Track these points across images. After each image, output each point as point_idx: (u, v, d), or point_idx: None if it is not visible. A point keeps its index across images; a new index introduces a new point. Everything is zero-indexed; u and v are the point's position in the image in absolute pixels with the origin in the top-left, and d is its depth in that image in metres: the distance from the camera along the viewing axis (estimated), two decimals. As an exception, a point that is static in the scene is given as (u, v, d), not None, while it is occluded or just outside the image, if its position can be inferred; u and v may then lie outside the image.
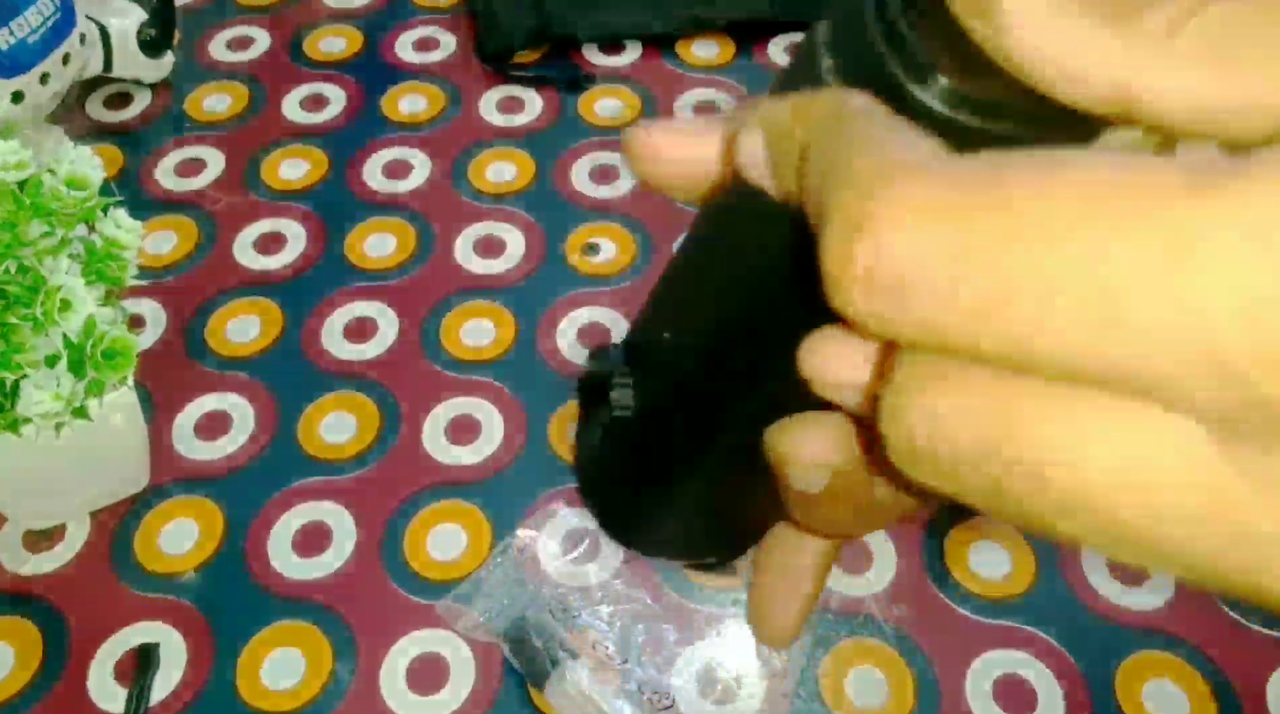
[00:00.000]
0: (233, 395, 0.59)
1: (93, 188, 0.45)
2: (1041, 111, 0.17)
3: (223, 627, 0.50)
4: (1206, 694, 0.49)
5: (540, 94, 0.76)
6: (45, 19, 0.62)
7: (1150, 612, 0.51)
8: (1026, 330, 0.14)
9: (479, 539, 0.53)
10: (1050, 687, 0.49)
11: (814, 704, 0.48)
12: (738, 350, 0.23)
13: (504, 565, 0.52)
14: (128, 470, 0.54)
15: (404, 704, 0.48)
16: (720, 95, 0.76)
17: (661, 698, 0.48)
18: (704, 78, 0.78)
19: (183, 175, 0.70)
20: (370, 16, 0.82)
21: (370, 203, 0.69)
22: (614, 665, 0.48)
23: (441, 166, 0.71)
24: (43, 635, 0.50)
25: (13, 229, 0.43)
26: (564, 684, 0.47)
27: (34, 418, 0.44)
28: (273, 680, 0.49)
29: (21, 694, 0.48)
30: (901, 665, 0.49)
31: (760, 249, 0.21)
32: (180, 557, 0.53)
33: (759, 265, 0.21)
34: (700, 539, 0.32)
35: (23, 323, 0.42)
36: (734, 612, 0.51)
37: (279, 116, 0.74)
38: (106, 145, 0.72)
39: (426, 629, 0.50)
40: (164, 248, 0.66)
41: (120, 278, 0.47)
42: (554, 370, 0.60)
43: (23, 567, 0.52)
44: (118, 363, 0.44)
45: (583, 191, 0.70)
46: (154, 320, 0.62)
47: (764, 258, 0.21)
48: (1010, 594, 0.52)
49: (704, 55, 0.79)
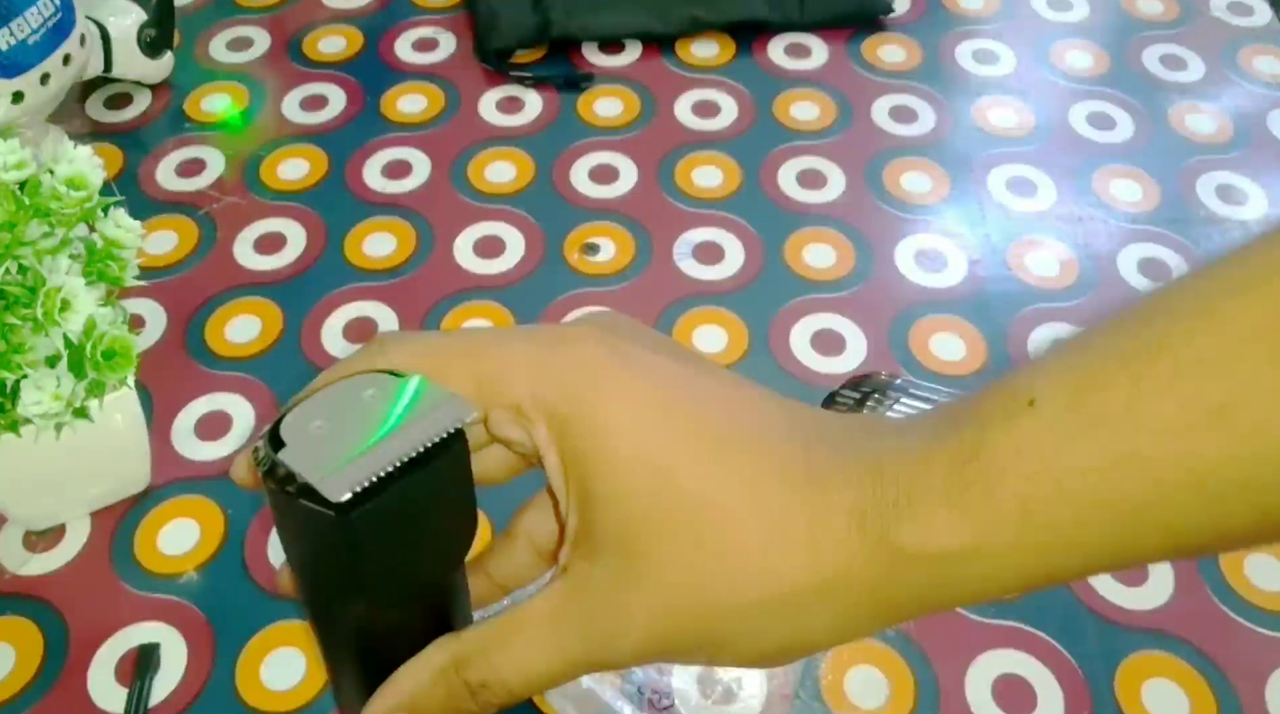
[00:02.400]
0: (233, 395, 0.59)
1: (93, 188, 0.45)
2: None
3: (223, 627, 0.50)
4: (1206, 694, 0.49)
5: (540, 94, 0.76)
6: (45, 19, 0.62)
7: (1150, 612, 0.51)
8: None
9: (479, 539, 0.53)
10: (1050, 687, 0.49)
11: (814, 704, 0.48)
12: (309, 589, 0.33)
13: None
14: (128, 470, 0.54)
15: (404, 704, 0.48)
16: (720, 95, 0.76)
17: (662, 698, 0.48)
18: (704, 78, 0.78)
19: (183, 175, 0.71)
20: (370, 16, 0.82)
21: (370, 203, 0.69)
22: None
23: (441, 166, 0.71)
24: (43, 635, 0.50)
25: (13, 229, 0.42)
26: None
27: (34, 418, 0.44)
28: (273, 680, 0.49)
29: (22, 694, 0.48)
30: (901, 665, 0.49)
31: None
32: (181, 557, 0.53)
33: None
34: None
35: (23, 323, 0.42)
36: (734, 612, 0.51)
37: (279, 116, 0.74)
38: (107, 145, 0.72)
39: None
40: (164, 248, 0.66)
41: (120, 278, 0.47)
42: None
43: (23, 567, 0.52)
44: (118, 363, 0.44)
45: (583, 191, 0.70)
46: (154, 320, 0.62)
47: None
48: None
49: (704, 55, 0.79)
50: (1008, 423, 0.25)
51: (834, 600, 0.27)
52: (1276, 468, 0.23)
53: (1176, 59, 0.80)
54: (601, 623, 0.29)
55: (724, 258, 0.66)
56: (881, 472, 0.27)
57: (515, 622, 0.30)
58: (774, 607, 0.27)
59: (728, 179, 0.71)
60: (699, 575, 0.28)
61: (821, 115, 0.75)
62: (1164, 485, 0.24)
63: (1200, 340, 0.24)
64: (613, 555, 0.28)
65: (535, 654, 0.30)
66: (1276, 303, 0.23)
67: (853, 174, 0.71)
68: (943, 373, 0.60)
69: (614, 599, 0.29)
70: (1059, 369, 0.26)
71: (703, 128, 0.74)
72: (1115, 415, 0.24)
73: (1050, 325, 0.63)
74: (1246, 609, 0.51)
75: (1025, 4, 0.85)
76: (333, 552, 0.29)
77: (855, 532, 0.27)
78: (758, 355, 0.61)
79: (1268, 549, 0.53)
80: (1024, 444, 0.25)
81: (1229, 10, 0.84)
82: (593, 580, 0.29)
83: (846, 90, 0.77)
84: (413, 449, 0.27)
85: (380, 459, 0.27)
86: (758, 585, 0.27)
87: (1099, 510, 0.25)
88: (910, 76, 0.78)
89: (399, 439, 0.27)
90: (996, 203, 0.70)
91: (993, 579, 0.26)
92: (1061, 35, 0.82)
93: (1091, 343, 0.26)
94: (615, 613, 0.29)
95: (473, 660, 0.31)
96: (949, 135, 0.74)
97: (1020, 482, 0.25)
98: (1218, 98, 0.77)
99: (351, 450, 0.27)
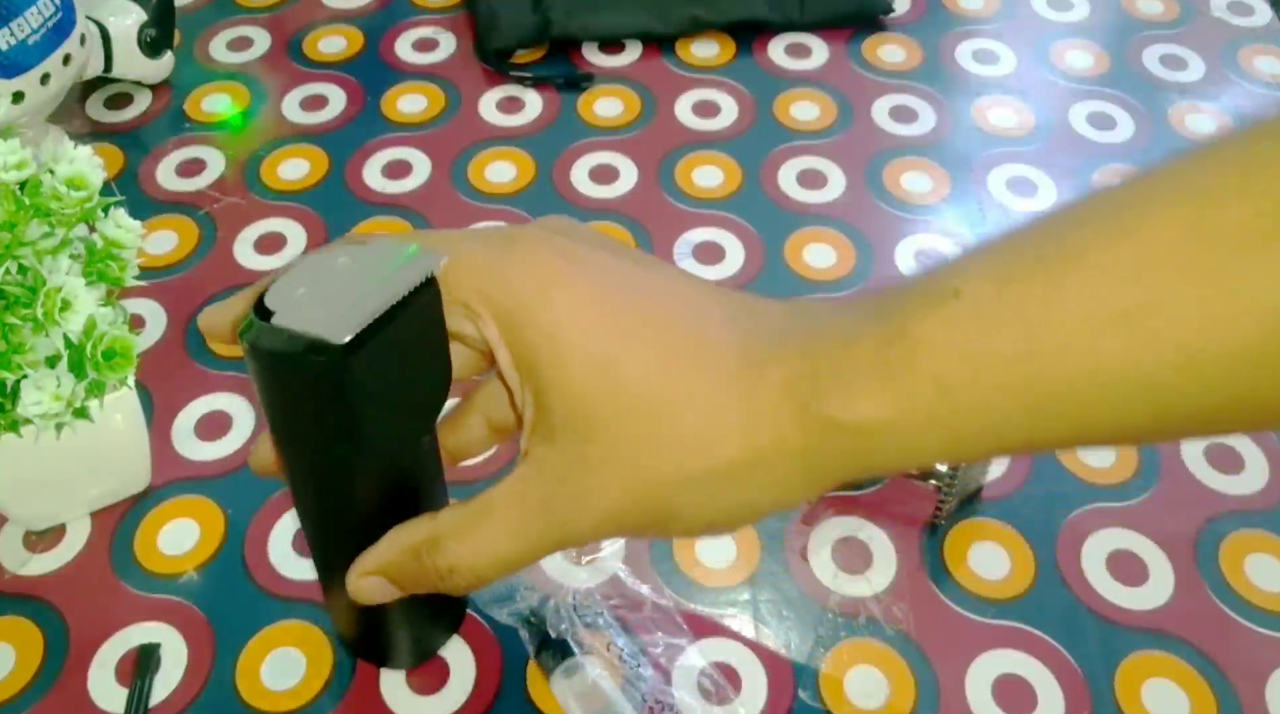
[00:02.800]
0: (233, 395, 0.59)
1: (93, 188, 0.45)
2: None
3: (223, 627, 0.50)
4: (1206, 694, 0.49)
5: (540, 94, 0.76)
6: (45, 19, 0.62)
7: (1150, 612, 0.51)
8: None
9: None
10: (1050, 687, 0.49)
11: (814, 704, 0.48)
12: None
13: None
14: (128, 470, 0.54)
15: (405, 704, 0.48)
16: (720, 95, 0.76)
17: (662, 696, 0.48)
18: (704, 78, 0.78)
19: (183, 175, 0.71)
20: (370, 16, 0.82)
21: (370, 203, 0.69)
22: (623, 669, 0.48)
23: (441, 166, 0.71)
24: (43, 636, 0.50)
25: (13, 229, 0.43)
26: (570, 678, 0.47)
27: (34, 418, 0.44)
28: (273, 680, 0.49)
29: (22, 694, 0.48)
30: (901, 665, 0.49)
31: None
32: (181, 557, 0.53)
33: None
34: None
35: (23, 323, 0.42)
36: (734, 612, 0.51)
37: (279, 116, 0.74)
38: (107, 145, 0.72)
39: (427, 629, 0.50)
40: (164, 248, 0.66)
41: (121, 278, 0.47)
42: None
43: (23, 567, 0.52)
44: (118, 363, 0.44)
45: (583, 191, 0.70)
46: (154, 320, 0.62)
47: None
48: (1010, 594, 0.52)
49: (704, 55, 0.79)
50: (932, 311, 0.28)
51: (769, 469, 0.30)
52: (1174, 372, 0.25)
53: (1177, 59, 0.80)
54: (561, 506, 0.32)
55: (724, 258, 0.66)
56: (813, 352, 0.30)
57: (483, 506, 0.33)
58: (716, 480, 0.30)
59: (728, 179, 0.71)
60: (647, 457, 0.30)
61: (822, 115, 0.75)
62: (1070, 380, 0.26)
63: (1116, 250, 0.26)
64: (569, 441, 0.31)
65: (501, 539, 0.33)
66: (1189, 223, 0.25)
67: (853, 174, 0.71)
68: (943, 373, 0.60)
69: (571, 483, 0.31)
70: (984, 265, 0.28)
71: (703, 128, 0.74)
72: (1032, 311, 0.26)
73: (1050, 325, 0.63)
74: (1246, 609, 0.51)
75: (1025, 4, 0.85)
76: (332, 399, 0.32)
77: (787, 405, 0.29)
78: (758, 355, 0.61)
79: (1267, 550, 0.53)
80: (945, 330, 0.27)
81: (1229, 10, 0.84)
82: (550, 465, 0.31)
83: (846, 90, 0.77)
84: (395, 296, 0.31)
85: (368, 307, 0.30)
86: (700, 461, 0.30)
87: (1009, 397, 0.27)
88: (910, 76, 0.78)
89: (381, 291, 0.31)
90: (996, 203, 0.70)
91: (912, 451, 0.29)
92: (1061, 35, 0.82)
93: (1016, 244, 0.28)
94: (573, 495, 0.31)
95: (444, 545, 0.33)
96: (949, 135, 0.74)
97: (938, 364, 0.27)
98: (1218, 98, 0.77)
99: (340, 306, 0.30)
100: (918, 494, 0.55)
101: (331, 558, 0.41)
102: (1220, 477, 0.56)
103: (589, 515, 0.31)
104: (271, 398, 0.34)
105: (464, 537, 0.33)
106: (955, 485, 0.52)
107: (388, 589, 0.36)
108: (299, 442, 0.36)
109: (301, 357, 0.30)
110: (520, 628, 0.50)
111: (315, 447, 0.35)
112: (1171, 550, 0.54)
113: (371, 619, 0.45)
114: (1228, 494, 0.56)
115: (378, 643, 0.48)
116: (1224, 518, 0.55)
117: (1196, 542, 0.54)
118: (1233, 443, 0.58)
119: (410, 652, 0.48)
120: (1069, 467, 0.57)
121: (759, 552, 0.53)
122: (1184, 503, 0.55)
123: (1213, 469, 0.57)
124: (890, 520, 0.54)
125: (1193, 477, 0.56)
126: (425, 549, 0.34)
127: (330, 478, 0.37)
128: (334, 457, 0.35)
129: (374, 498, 0.37)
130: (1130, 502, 0.55)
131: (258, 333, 0.31)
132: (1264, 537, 0.54)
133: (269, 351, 0.31)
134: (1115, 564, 0.53)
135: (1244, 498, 0.56)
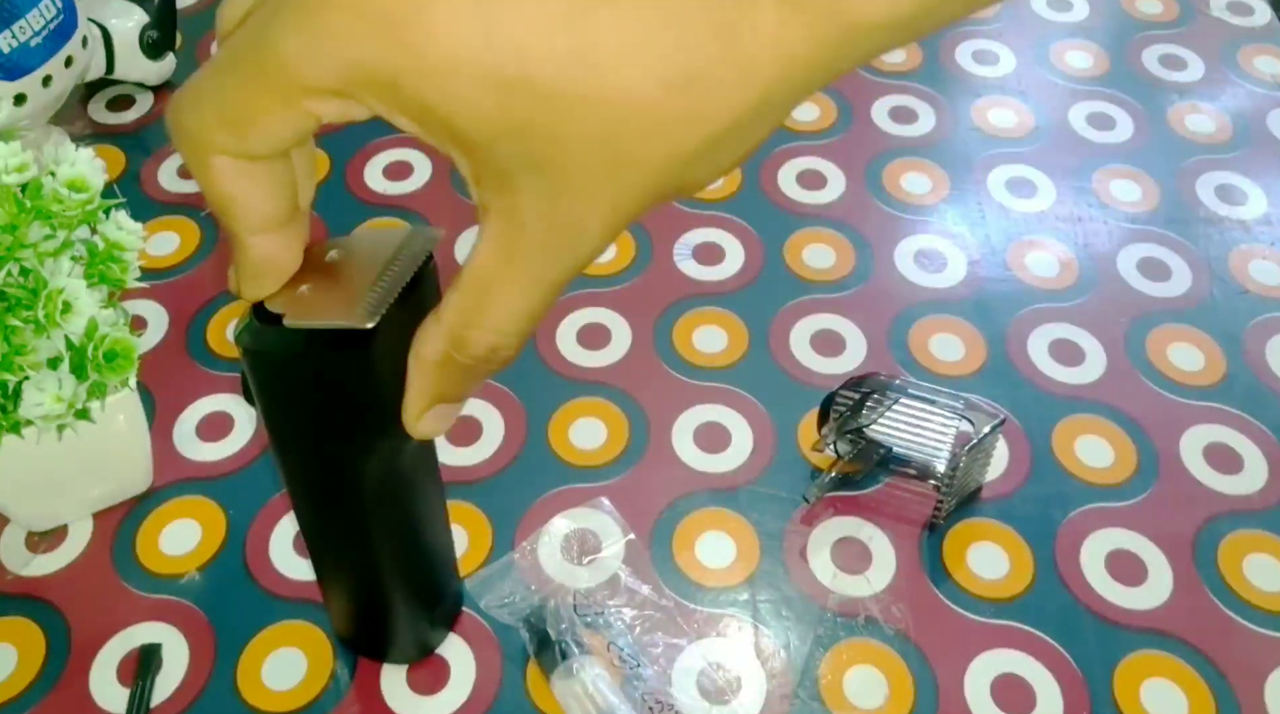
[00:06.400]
0: (234, 396, 0.59)
1: (94, 190, 0.45)
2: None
3: (224, 627, 0.50)
4: (1205, 694, 0.49)
5: (541, 95, 0.76)
6: (47, 22, 0.63)
7: (1149, 612, 0.51)
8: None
9: (480, 538, 0.53)
10: (1049, 687, 0.49)
11: (814, 704, 0.48)
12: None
13: (536, 552, 0.52)
14: (130, 471, 0.54)
15: (405, 704, 0.48)
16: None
17: (662, 694, 0.48)
18: (704, 79, 0.78)
19: (184, 177, 0.71)
20: (371, 18, 0.82)
21: (371, 204, 0.69)
22: (623, 669, 0.48)
23: (441, 167, 0.71)
24: (45, 636, 0.50)
25: (14, 231, 0.43)
26: (570, 679, 0.47)
27: (36, 420, 0.44)
28: (273, 680, 0.49)
29: (24, 694, 0.48)
30: (901, 665, 0.50)
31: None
32: (182, 557, 0.53)
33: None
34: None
35: (25, 325, 0.43)
36: (734, 612, 0.51)
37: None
38: (108, 147, 0.72)
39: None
40: (166, 249, 0.66)
41: (122, 280, 0.47)
42: (555, 371, 0.60)
43: (25, 567, 0.53)
44: (119, 365, 0.44)
45: (583, 192, 0.70)
46: (156, 322, 0.63)
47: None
48: (1009, 594, 0.52)
49: (704, 56, 0.79)
50: None
51: (773, 108, 0.26)
52: None
53: (1176, 59, 0.80)
54: (559, 237, 0.28)
55: (724, 258, 0.66)
56: None
57: (478, 282, 0.29)
58: (716, 141, 0.26)
59: (727, 179, 0.71)
60: (624, 154, 0.26)
61: (821, 116, 0.75)
62: None
63: None
64: (526, 177, 0.27)
65: (517, 297, 0.29)
66: None
67: (853, 174, 0.71)
68: (942, 373, 0.60)
69: (558, 212, 0.27)
70: None
71: (703, 128, 0.74)
72: None
73: (1050, 325, 0.63)
74: (1245, 609, 0.51)
75: (1025, 4, 0.85)
76: (355, 385, 0.32)
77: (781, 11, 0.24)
78: (758, 356, 0.61)
79: (1266, 550, 0.53)
80: None
81: (1229, 10, 0.85)
82: (523, 208, 0.27)
83: (846, 91, 0.77)
84: (405, 275, 0.31)
85: (381, 289, 0.30)
86: (694, 134, 0.26)
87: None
88: (910, 77, 0.79)
89: (389, 274, 0.31)
90: (996, 203, 0.70)
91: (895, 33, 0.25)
92: (1061, 35, 0.82)
93: None
94: (566, 222, 0.28)
95: (468, 337, 0.30)
96: (949, 135, 0.74)
97: None
98: (1217, 98, 0.77)
99: (350, 295, 0.30)
100: (917, 494, 0.55)
101: (331, 557, 0.41)
102: (1219, 477, 0.56)
103: (591, 235, 0.28)
104: (280, 401, 0.34)
105: (482, 317, 0.30)
106: (954, 485, 0.52)
107: (447, 410, 0.33)
108: (308, 441, 0.36)
109: (326, 350, 0.31)
110: (520, 628, 0.50)
111: (325, 442, 0.35)
112: (1170, 550, 0.54)
113: (370, 615, 0.46)
114: (1227, 494, 0.56)
115: (377, 638, 0.48)
116: (1223, 518, 0.55)
117: (1195, 542, 0.54)
118: (1232, 443, 0.58)
119: (409, 646, 0.48)
120: (1068, 467, 0.57)
121: (758, 552, 0.53)
122: (1183, 503, 0.55)
123: (1212, 469, 0.57)
124: (889, 521, 0.54)
125: (1192, 476, 0.56)
126: (455, 351, 0.31)
127: (334, 474, 0.37)
128: (350, 447, 0.35)
129: (375, 493, 0.37)
130: (1129, 502, 0.55)
131: (268, 339, 0.32)
132: (1263, 537, 0.54)
133: (284, 355, 0.32)
134: (1114, 564, 0.53)
135: (1243, 498, 0.56)
